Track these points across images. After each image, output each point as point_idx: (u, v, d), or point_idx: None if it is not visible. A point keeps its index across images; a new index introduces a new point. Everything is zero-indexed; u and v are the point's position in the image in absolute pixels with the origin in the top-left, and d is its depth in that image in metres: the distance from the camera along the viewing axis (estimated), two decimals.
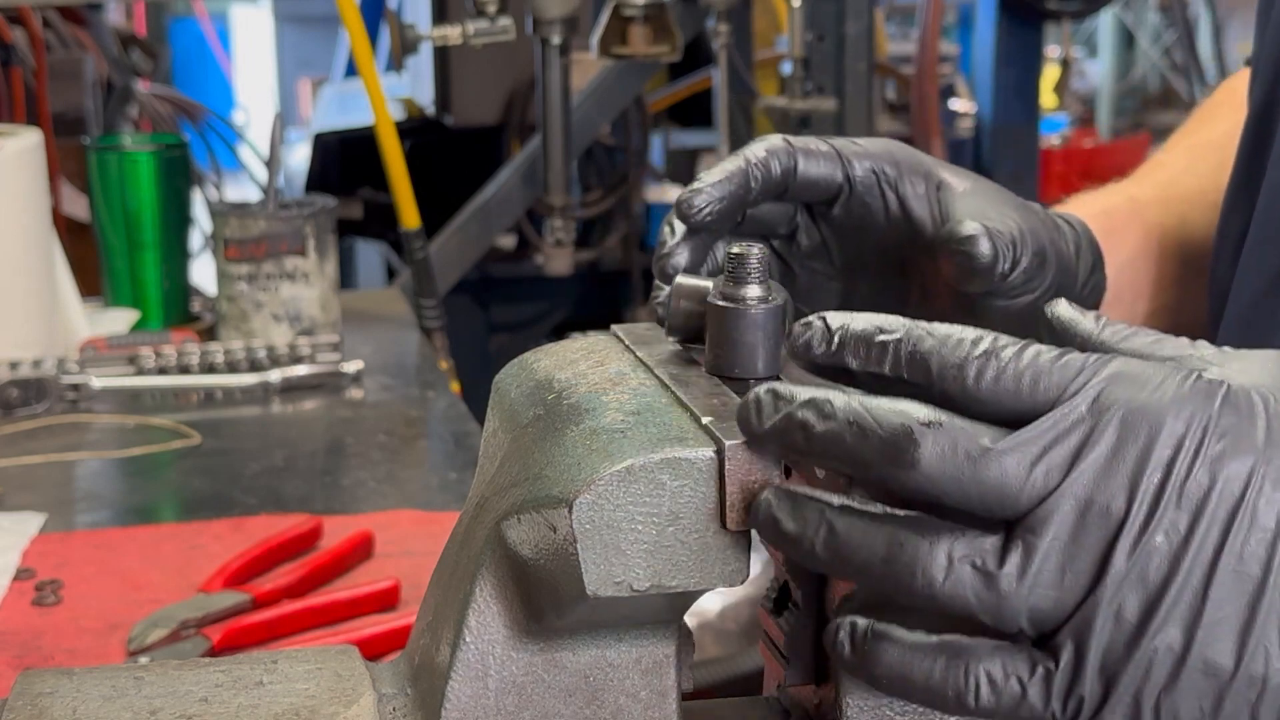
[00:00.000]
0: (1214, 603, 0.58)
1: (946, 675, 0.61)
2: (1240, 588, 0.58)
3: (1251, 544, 0.58)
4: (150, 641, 1.18)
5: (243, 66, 9.57)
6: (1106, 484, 0.59)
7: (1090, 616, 0.59)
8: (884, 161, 0.85)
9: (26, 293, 1.81)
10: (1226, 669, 0.58)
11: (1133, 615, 0.58)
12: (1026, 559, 0.59)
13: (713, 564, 0.67)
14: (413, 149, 2.87)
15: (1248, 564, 0.58)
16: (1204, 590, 0.58)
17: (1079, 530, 0.59)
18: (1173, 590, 0.58)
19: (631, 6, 2.61)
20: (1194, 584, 0.58)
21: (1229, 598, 0.58)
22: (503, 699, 0.70)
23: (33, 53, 2.52)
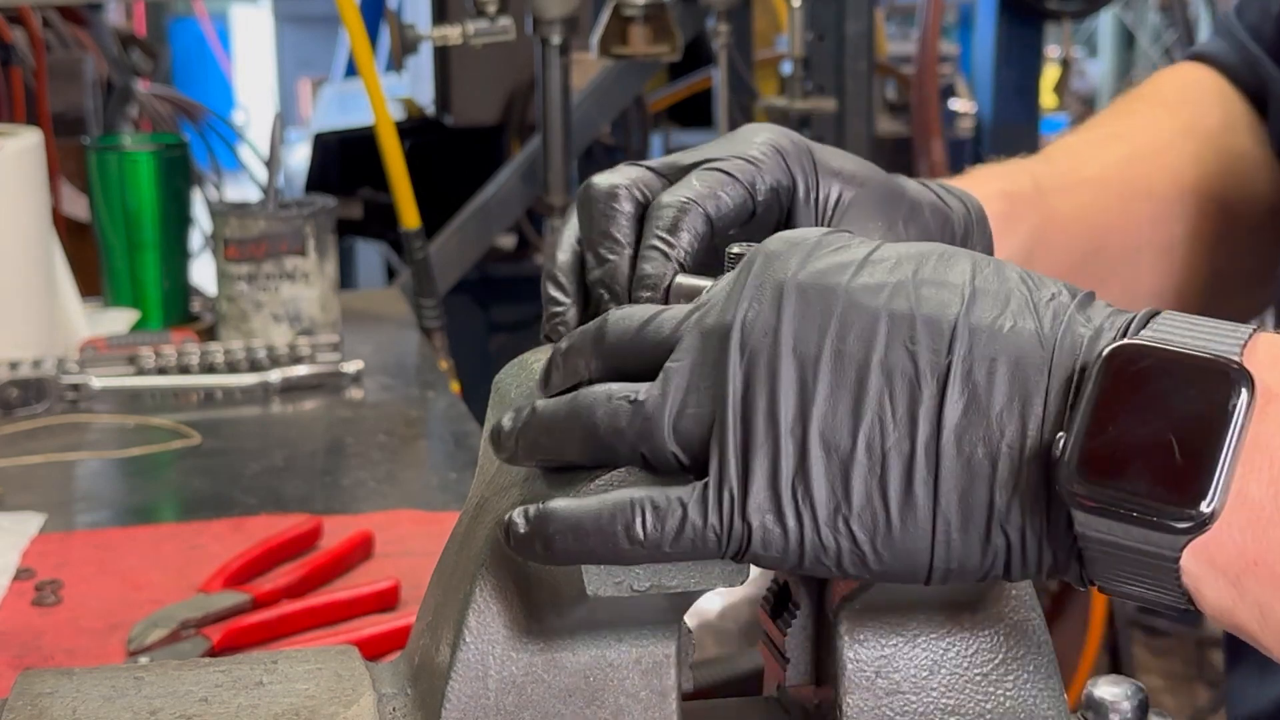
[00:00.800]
0: (823, 388, 0.63)
1: (615, 515, 0.64)
2: (843, 370, 0.63)
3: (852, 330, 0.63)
4: (150, 641, 1.18)
5: (243, 66, 9.57)
6: (721, 312, 0.65)
7: (722, 424, 0.63)
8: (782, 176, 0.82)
9: (26, 293, 1.81)
10: (845, 446, 0.62)
11: (755, 413, 0.63)
12: (665, 383, 0.65)
13: (713, 564, 0.67)
14: (413, 149, 2.87)
15: (851, 346, 0.63)
16: (813, 378, 0.63)
17: (703, 352, 0.65)
18: (784, 385, 0.63)
19: (631, 6, 2.60)
20: (804, 375, 0.63)
21: (839, 382, 0.63)
22: (503, 699, 0.70)
23: (33, 53, 2.52)
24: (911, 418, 0.62)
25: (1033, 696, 0.73)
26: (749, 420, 0.63)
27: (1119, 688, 0.72)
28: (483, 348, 3.68)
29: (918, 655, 0.72)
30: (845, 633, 0.72)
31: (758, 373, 0.64)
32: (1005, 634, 0.73)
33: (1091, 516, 0.60)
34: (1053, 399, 0.61)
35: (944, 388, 0.62)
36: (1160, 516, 0.59)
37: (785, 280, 0.65)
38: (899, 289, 0.64)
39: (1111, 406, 0.60)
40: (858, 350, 0.63)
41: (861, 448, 0.62)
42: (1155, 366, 0.60)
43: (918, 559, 0.63)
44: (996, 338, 0.62)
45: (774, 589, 0.77)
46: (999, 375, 0.62)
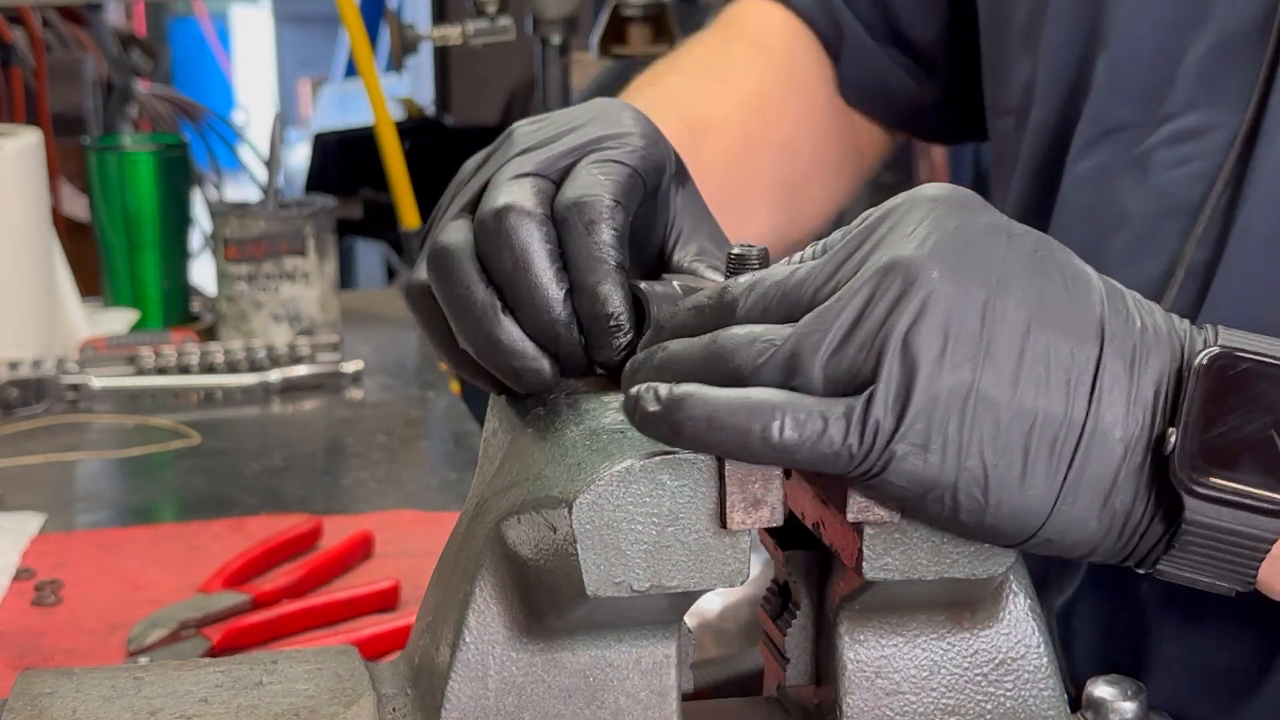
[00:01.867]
0: (987, 337, 0.65)
1: (753, 412, 0.65)
2: (1010, 326, 0.65)
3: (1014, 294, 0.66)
4: (150, 642, 1.18)
5: (243, 66, 9.56)
6: (881, 251, 0.66)
7: (886, 354, 0.65)
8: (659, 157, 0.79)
9: (26, 293, 1.81)
10: (1003, 401, 0.65)
11: (922, 350, 0.64)
12: (821, 319, 0.66)
13: (713, 564, 0.67)
14: (413, 149, 2.87)
15: (1016, 308, 0.66)
16: (981, 327, 0.65)
17: (865, 288, 0.65)
18: (961, 329, 0.65)
19: (631, 6, 2.61)
20: (972, 322, 0.65)
21: (1004, 335, 0.65)
22: (503, 699, 0.70)
23: (33, 53, 2.52)
24: (1067, 385, 0.66)
25: (1033, 696, 0.73)
26: (914, 355, 0.65)
27: (1119, 687, 0.72)
28: None
29: (918, 655, 0.72)
30: (845, 633, 0.72)
31: (928, 314, 0.65)
32: (1005, 634, 0.73)
33: (1204, 504, 0.67)
34: (1172, 394, 0.67)
35: (1099, 366, 0.66)
36: (1267, 503, 0.66)
37: (953, 227, 0.67)
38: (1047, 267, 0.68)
39: (1219, 405, 0.67)
40: (1023, 312, 0.66)
41: (1016, 405, 0.65)
42: (1253, 370, 0.67)
43: (1030, 520, 0.67)
44: (1131, 333, 0.67)
45: (774, 589, 0.77)
46: (1136, 368, 0.67)
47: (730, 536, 0.67)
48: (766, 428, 0.64)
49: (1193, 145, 0.95)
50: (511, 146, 0.79)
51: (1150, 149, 0.97)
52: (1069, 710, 0.74)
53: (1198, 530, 0.67)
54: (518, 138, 0.79)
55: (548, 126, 0.79)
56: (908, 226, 0.67)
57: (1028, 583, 0.73)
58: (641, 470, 0.66)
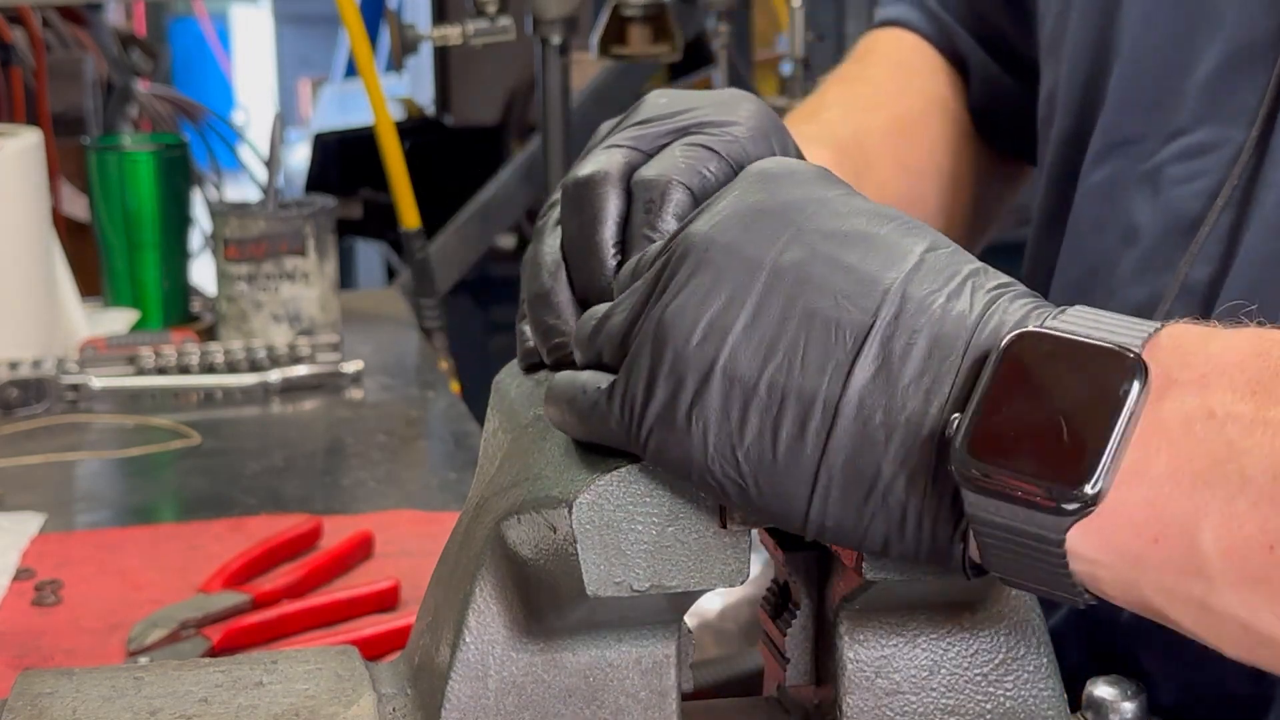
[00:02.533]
0: (744, 317, 0.63)
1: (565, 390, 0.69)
2: (769, 305, 0.63)
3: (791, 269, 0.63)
4: (150, 642, 1.18)
5: (243, 66, 9.56)
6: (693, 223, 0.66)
7: (642, 329, 0.65)
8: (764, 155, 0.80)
9: (26, 293, 1.81)
10: (750, 379, 0.63)
11: (667, 333, 0.64)
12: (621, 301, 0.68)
13: (713, 564, 0.67)
14: (413, 149, 2.87)
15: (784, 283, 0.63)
16: (739, 305, 0.63)
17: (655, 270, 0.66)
18: (708, 309, 0.63)
19: (631, 6, 2.60)
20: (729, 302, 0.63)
21: (761, 315, 0.63)
22: (503, 699, 0.70)
23: (32, 53, 2.51)
24: (820, 367, 0.62)
25: (1033, 696, 0.73)
26: (665, 332, 0.64)
27: (1119, 687, 0.72)
28: (483, 348, 3.68)
29: (918, 655, 0.72)
30: (845, 633, 0.72)
31: (688, 290, 0.64)
32: (1005, 634, 0.73)
33: (981, 497, 0.60)
34: (960, 383, 0.62)
35: (860, 348, 0.62)
36: (1045, 497, 0.59)
37: (749, 200, 0.66)
38: (850, 238, 0.64)
39: (1007, 389, 0.60)
40: (790, 288, 0.63)
41: (765, 383, 0.63)
42: (1052, 352, 0.60)
43: (794, 505, 0.64)
44: (924, 311, 0.62)
45: (774, 589, 0.77)
46: (916, 349, 0.62)
47: (730, 536, 0.67)
48: (571, 400, 0.68)
49: (1202, 161, 0.94)
50: (631, 118, 0.81)
51: (1161, 164, 0.96)
52: (1069, 710, 0.73)
53: (984, 529, 0.61)
54: (642, 109, 0.81)
55: (671, 103, 0.80)
56: (715, 203, 0.67)
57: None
58: (642, 470, 0.66)
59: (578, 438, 0.69)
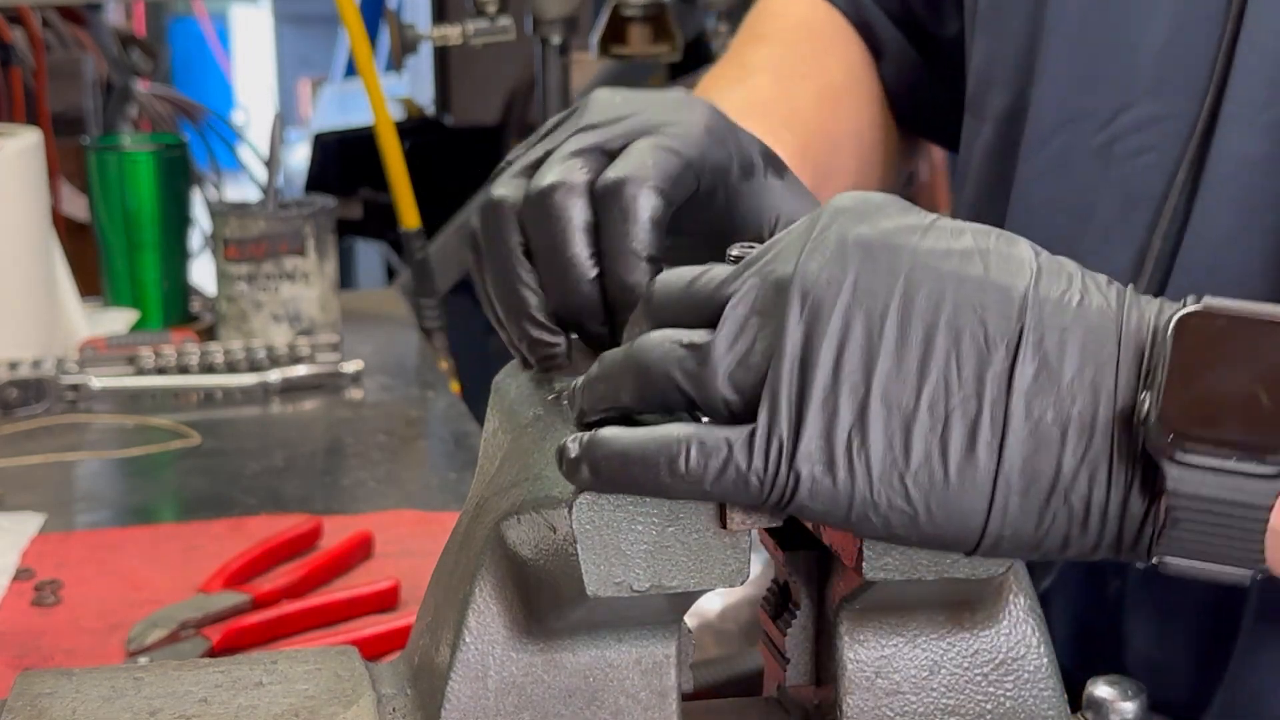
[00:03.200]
0: (889, 344, 0.62)
1: (660, 447, 0.64)
2: (910, 328, 0.63)
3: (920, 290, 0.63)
4: (150, 642, 1.18)
5: (243, 66, 9.56)
6: (786, 262, 0.64)
7: (777, 372, 0.63)
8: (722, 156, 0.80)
9: (26, 293, 1.81)
10: (908, 404, 0.62)
11: (814, 364, 0.63)
12: (721, 329, 0.64)
13: (713, 564, 0.67)
14: (412, 149, 2.87)
15: (918, 305, 0.63)
16: (879, 334, 0.63)
17: (764, 300, 0.64)
18: (850, 339, 0.63)
19: (631, 6, 2.60)
20: (870, 329, 0.63)
21: (904, 339, 0.63)
22: (503, 699, 0.70)
23: (32, 53, 2.51)
24: (979, 379, 0.62)
25: (1033, 696, 0.73)
26: (807, 370, 0.63)
27: (1119, 687, 0.72)
28: (483, 348, 3.67)
29: (918, 655, 0.72)
30: (845, 633, 0.72)
31: (820, 325, 0.63)
32: (1005, 634, 0.73)
33: (1184, 470, 0.61)
34: (1125, 371, 0.62)
35: (1015, 353, 0.62)
36: (1254, 463, 0.60)
37: (853, 234, 0.65)
38: (967, 255, 0.64)
39: (1193, 364, 0.61)
40: (925, 309, 0.63)
41: (925, 406, 0.62)
42: (1229, 325, 0.61)
43: (971, 522, 0.63)
44: (1066, 309, 0.63)
45: (774, 589, 0.77)
46: (1071, 345, 0.62)
47: (730, 536, 0.67)
48: (673, 461, 0.64)
49: (1152, 133, 0.94)
50: (580, 118, 0.79)
51: (1112, 138, 0.95)
52: (1069, 710, 0.73)
53: (1185, 504, 0.61)
54: (592, 109, 0.79)
55: (624, 104, 0.79)
56: (813, 240, 0.65)
57: (1028, 583, 0.73)
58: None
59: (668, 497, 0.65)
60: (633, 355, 0.67)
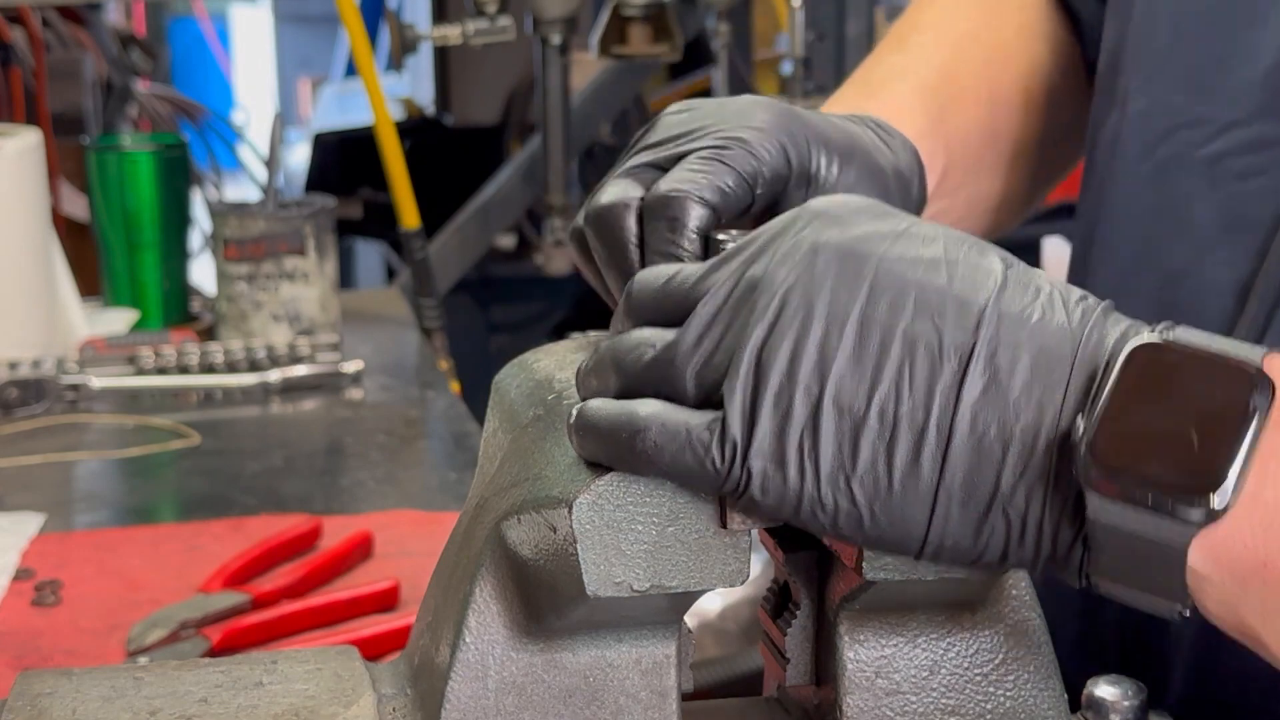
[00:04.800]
0: (846, 348, 0.63)
1: (624, 426, 0.66)
2: (868, 335, 0.63)
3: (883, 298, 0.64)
4: (149, 642, 1.18)
5: (242, 66, 9.56)
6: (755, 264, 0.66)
7: (737, 369, 0.64)
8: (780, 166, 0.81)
9: (26, 293, 1.81)
10: (859, 408, 0.63)
11: (773, 364, 0.64)
12: (689, 328, 0.66)
13: (713, 564, 0.67)
14: (413, 149, 2.88)
15: (879, 312, 0.63)
16: (837, 338, 0.63)
17: (731, 299, 0.66)
18: (808, 342, 0.64)
19: (631, 6, 2.60)
20: (828, 333, 0.64)
21: (861, 345, 0.63)
22: (503, 699, 0.70)
23: (32, 52, 2.51)
24: (929, 390, 0.63)
25: (1033, 696, 0.73)
26: (764, 370, 0.64)
27: (1119, 687, 0.72)
28: (483, 348, 3.68)
29: (918, 655, 0.72)
30: (845, 633, 0.72)
31: (781, 326, 0.64)
32: (1005, 634, 0.73)
33: (1106, 502, 0.61)
34: (1073, 392, 0.62)
35: (966, 366, 0.62)
36: (1175, 504, 0.60)
37: (824, 239, 0.65)
38: (933, 264, 0.64)
39: (1134, 396, 0.61)
40: (885, 317, 0.63)
41: (875, 412, 0.63)
42: (1179, 362, 0.61)
43: (913, 530, 0.64)
44: (1024, 325, 0.63)
45: (774, 589, 0.77)
46: (1022, 362, 0.62)
47: (730, 536, 0.67)
48: (634, 437, 0.65)
49: (1265, 156, 0.92)
50: (648, 135, 0.81)
51: (1219, 154, 0.94)
52: (1069, 710, 0.73)
53: (1105, 534, 0.61)
54: (658, 128, 0.81)
55: (688, 120, 0.81)
56: (783, 243, 0.66)
57: (1028, 583, 0.73)
58: None
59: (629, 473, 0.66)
60: (608, 357, 0.68)
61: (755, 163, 0.79)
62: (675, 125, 0.81)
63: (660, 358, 0.66)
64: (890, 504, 0.63)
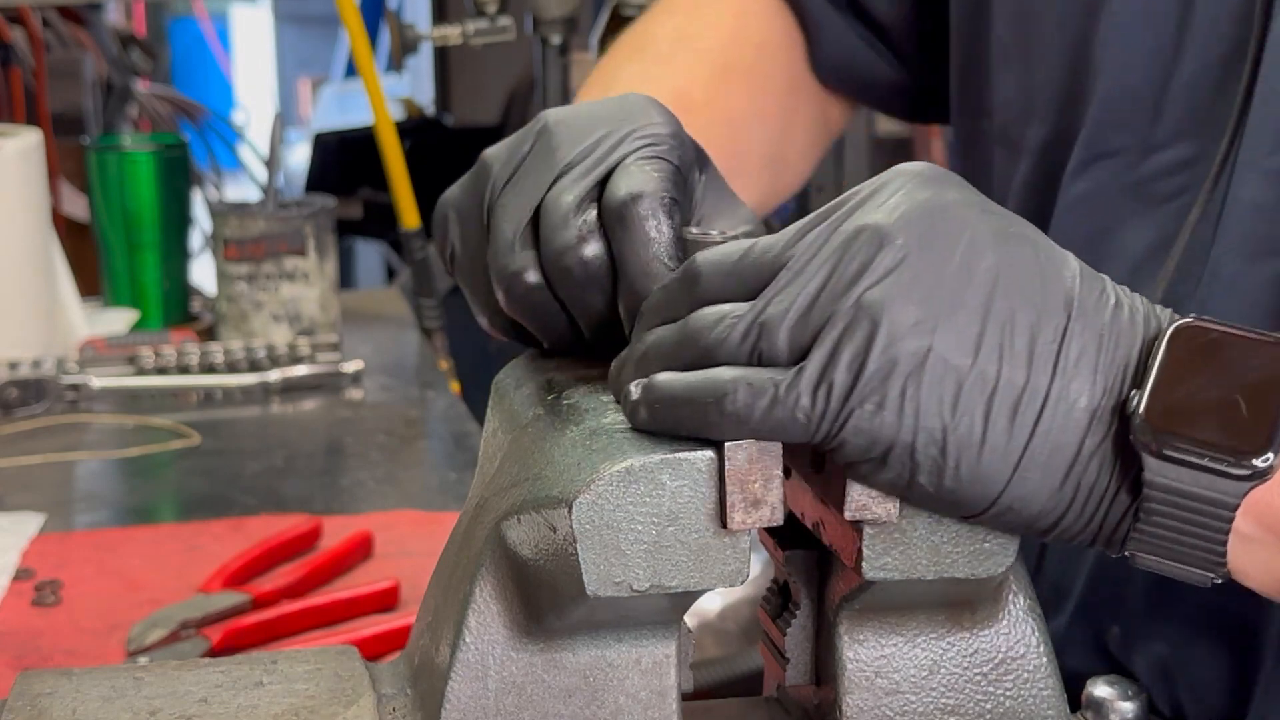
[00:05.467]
0: (950, 304, 0.65)
1: (708, 387, 0.66)
2: (973, 293, 0.65)
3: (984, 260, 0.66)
4: (149, 642, 1.18)
5: (243, 66, 9.56)
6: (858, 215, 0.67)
7: (838, 323, 0.65)
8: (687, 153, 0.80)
9: (26, 293, 1.81)
10: (964, 366, 0.65)
11: (879, 315, 0.65)
12: (779, 283, 0.67)
13: (712, 564, 0.67)
14: (413, 149, 2.87)
15: (982, 275, 0.66)
16: (944, 294, 0.65)
17: (830, 254, 0.66)
18: (915, 293, 0.65)
19: (631, 6, 2.60)
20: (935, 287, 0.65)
21: (966, 302, 0.65)
22: (503, 699, 0.70)
23: (32, 52, 2.52)
24: (1030, 354, 0.66)
25: (1033, 696, 0.73)
26: (871, 318, 0.65)
27: (1119, 687, 0.72)
28: (483, 348, 3.67)
29: (918, 655, 0.72)
30: (845, 633, 0.72)
31: (886, 277, 0.65)
32: (1005, 634, 0.73)
33: (1163, 464, 0.65)
34: (1134, 370, 0.67)
35: (1062, 339, 0.66)
36: (1227, 464, 0.65)
37: (921, 198, 0.67)
38: (1021, 239, 0.68)
39: (1181, 367, 0.66)
40: (984, 280, 0.66)
41: (977, 369, 0.65)
42: (1219, 338, 0.67)
43: (989, 489, 0.66)
44: (1104, 309, 0.67)
45: (774, 589, 0.77)
46: (1106, 341, 0.67)
47: (730, 536, 0.67)
48: (722, 400, 0.66)
49: (1186, 176, 0.95)
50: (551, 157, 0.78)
51: (1145, 178, 0.97)
52: (1069, 710, 0.73)
53: (1159, 496, 0.66)
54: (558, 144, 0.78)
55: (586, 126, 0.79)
56: (881, 197, 0.68)
57: (1027, 583, 0.73)
58: (641, 470, 0.66)
59: (714, 436, 0.66)
60: (690, 334, 0.68)
61: (681, 155, 0.78)
62: (577, 135, 0.78)
63: (753, 322, 0.67)
64: (977, 460, 0.66)
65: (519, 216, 0.77)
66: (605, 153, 0.77)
